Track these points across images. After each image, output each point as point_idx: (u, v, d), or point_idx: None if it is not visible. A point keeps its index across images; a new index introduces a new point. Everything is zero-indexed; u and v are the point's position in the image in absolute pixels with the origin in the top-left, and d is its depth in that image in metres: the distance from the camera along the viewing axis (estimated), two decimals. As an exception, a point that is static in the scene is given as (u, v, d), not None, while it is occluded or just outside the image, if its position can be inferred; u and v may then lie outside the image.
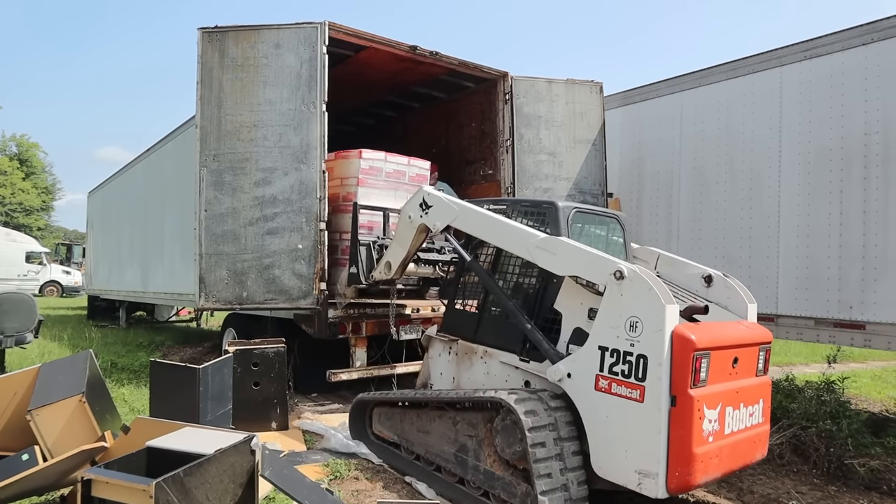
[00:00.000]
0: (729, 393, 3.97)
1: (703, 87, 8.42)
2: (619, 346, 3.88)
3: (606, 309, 3.99)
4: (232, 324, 9.08)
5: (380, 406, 5.56)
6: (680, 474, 3.62)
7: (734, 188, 7.96)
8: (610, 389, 3.90)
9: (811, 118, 7.28)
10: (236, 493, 3.24)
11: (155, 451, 3.29)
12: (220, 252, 6.65)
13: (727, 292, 4.86)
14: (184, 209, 9.14)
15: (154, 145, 11.67)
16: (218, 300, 6.70)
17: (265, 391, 6.08)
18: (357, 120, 12.03)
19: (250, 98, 6.75)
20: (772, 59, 7.67)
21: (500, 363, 4.95)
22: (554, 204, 4.95)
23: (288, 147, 6.76)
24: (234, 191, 6.70)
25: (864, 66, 6.85)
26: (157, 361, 5.08)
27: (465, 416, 4.60)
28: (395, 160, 7.32)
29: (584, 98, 8.79)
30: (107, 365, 9.52)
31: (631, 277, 3.85)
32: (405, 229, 5.65)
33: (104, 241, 15.76)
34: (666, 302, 3.72)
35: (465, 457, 4.54)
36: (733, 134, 8.05)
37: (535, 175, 8.54)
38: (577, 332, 4.41)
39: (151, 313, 16.87)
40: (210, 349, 11.21)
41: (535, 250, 4.42)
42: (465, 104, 9.82)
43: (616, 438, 3.86)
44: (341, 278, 6.86)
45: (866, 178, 6.80)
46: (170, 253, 10.50)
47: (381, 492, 4.78)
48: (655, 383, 3.67)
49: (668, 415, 3.64)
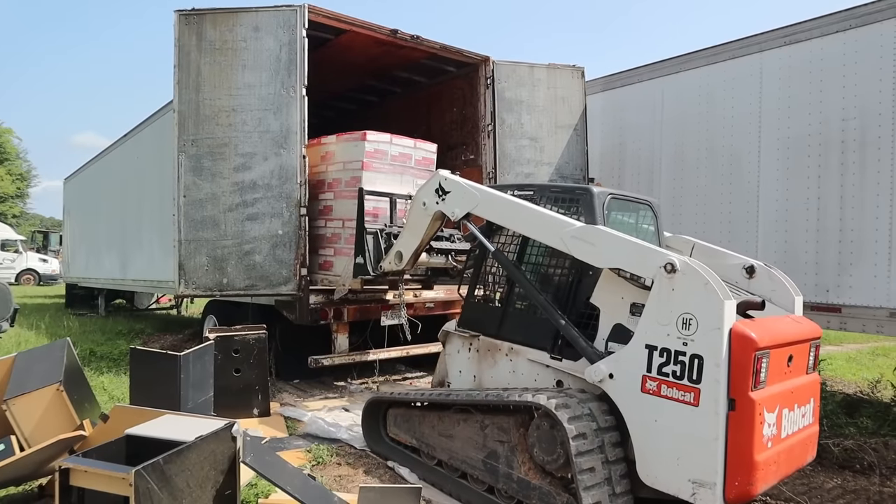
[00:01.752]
0: (785, 394, 3.70)
1: (683, 73, 8.45)
2: (670, 346, 3.56)
3: (655, 305, 3.66)
4: (212, 311, 9.01)
5: (395, 407, 5.16)
6: (740, 484, 3.34)
7: (714, 173, 8.01)
8: (659, 392, 3.59)
9: (790, 104, 7.33)
10: (217, 480, 3.22)
11: (134, 439, 3.26)
12: (200, 238, 6.58)
13: (771, 284, 4.60)
14: (162, 195, 9.03)
15: (131, 130, 11.49)
16: (198, 287, 6.64)
17: (246, 378, 6.05)
18: (337, 105, 11.94)
19: (229, 82, 6.66)
20: (752, 44, 7.71)
21: (528, 361, 4.61)
22: (588, 190, 4.65)
23: (267, 132, 6.68)
24: (213, 176, 6.62)
25: (843, 53, 6.90)
26: (136, 349, 5.02)
27: (496, 420, 4.22)
28: (400, 142, 6.93)
29: (565, 83, 8.78)
30: (85, 353, 9.42)
31: (684, 271, 3.54)
32: (419, 217, 5.29)
33: (82, 229, 15.54)
34: (724, 298, 3.42)
35: (495, 464, 4.16)
36: (713, 119, 8.09)
37: (517, 160, 8.54)
38: (618, 329, 4.10)
39: (131, 301, 16.70)
40: (191, 336, 11.13)
41: (571, 240, 4.07)
42: (446, 89, 9.77)
43: (666, 445, 3.55)
44: (346, 269, 6.57)
45: (843, 163, 6.87)
46: (149, 240, 10.38)
47: (363, 477, 4.79)
48: (712, 385, 3.38)
49: (726, 419, 3.35)
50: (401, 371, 8.60)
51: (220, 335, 6.02)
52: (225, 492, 3.26)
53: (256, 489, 4.25)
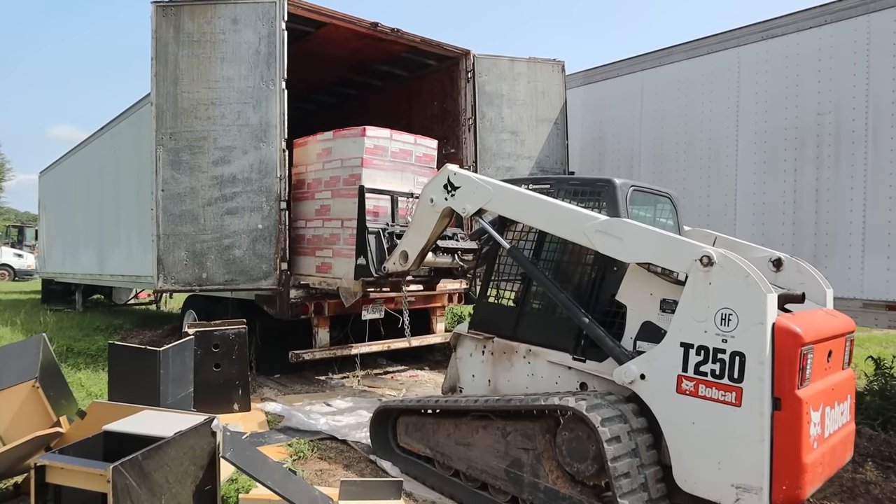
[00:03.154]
0: (826, 391, 3.52)
1: (663, 67, 8.51)
2: (708, 343, 3.38)
3: (691, 300, 3.48)
4: (192, 306, 8.94)
5: (406, 415, 4.90)
6: (788, 488, 3.16)
7: (693, 166, 8.08)
8: (697, 392, 3.40)
9: (767, 98, 7.42)
10: (197, 476, 3.21)
11: (112, 436, 3.23)
12: (179, 233, 6.52)
13: (800, 277, 4.44)
14: (140, 189, 8.94)
15: (108, 123, 11.35)
16: (177, 282, 6.58)
17: (226, 373, 6.02)
18: (318, 98, 11.88)
19: (207, 75, 6.59)
20: (730, 39, 7.78)
21: (548, 363, 4.40)
22: (611, 181, 4.44)
23: (247, 125, 6.63)
24: (191, 170, 6.56)
25: (818, 48, 6.99)
26: (115, 344, 4.98)
27: (519, 426, 4.00)
28: (400, 138, 6.64)
29: (546, 77, 8.80)
30: (62, 349, 9.31)
31: (722, 263, 3.37)
32: (426, 214, 5.04)
33: (58, 223, 15.32)
34: (766, 291, 3.26)
35: (519, 473, 3.94)
36: (692, 113, 8.16)
37: (498, 154, 8.55)
38: (648, 327, 3.89)
39: (109, 296, 16.52)
40: (170, 332, 11.04)
41: (595, 235, 3.87)
42: (427, 82, 9.75)
43: (706, 448, 3.36)
44: (347, 271, 6.30)
45: (819, 157, 6.97)
46: (126, 234, 10.27)
47: (344, 471, 4.79)
48: (756, 384, 3.20)
49: (771, 420, 3.19)
50: (382, 365, 8.61)
51: (199, 330, 5.98)
52: (205, 487, 3.25)
53: (237, 484, 4.23)
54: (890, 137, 6.49)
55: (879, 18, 6.56)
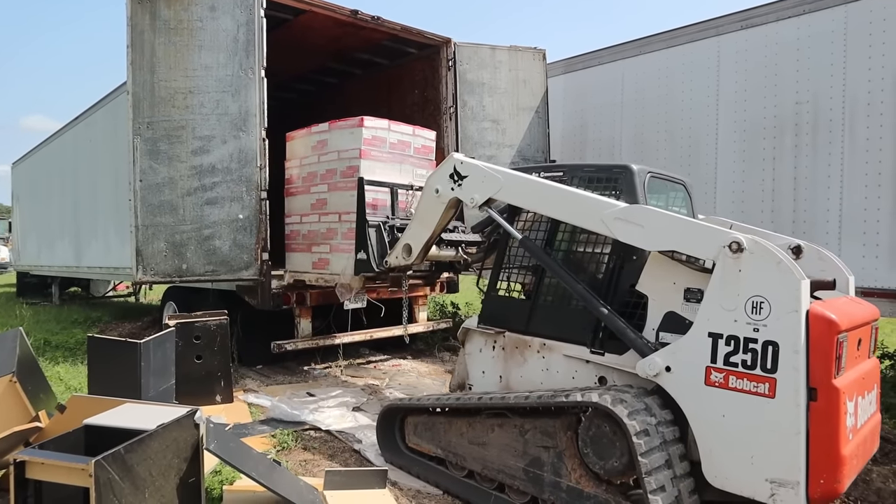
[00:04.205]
0: (858, 380, 3.39)
1: (643, 56, 8.53)
2: (738, 332, 3.26)
3: (719, 288, 3.36)
4: (172, 297, 8.86)
5: (415, 414, 4.69)
6: (826, 481, 3.05)
7: (673, 155, 8.14)
8: (727, 384, 3.28)
9: (746, 87, 7.48)
10: (181, 468, 3.19)
11: (93, 430, 3.19)
12: (158, 223, 6.44)
13: (821, 264, 4.30)
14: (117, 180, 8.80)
15: (83, 113, 11.13)
16: (157, 273, 6.50)
17: (208, 364, 5.98)
18: (297, 87, 11.76)
19: (185, 63, 6.49)
20: (710, 28, 7.82)
21: (564, 357, 4.24)
22: (628, 168, 4.33)
23: (226, 114, 6.54)
24: (170, 160, 6.46)
25: (797, 37, 7.05)
26: (94, 337, 4.92)
27: (538, 423, 3.84)
28: (398, 129, 6.43)
29: (527, 65, 8.79)
30: (39, 343, 9.19)
31: (752, 249, 3.25)
32: (430, 205, 4.85)
33: (32, 215, 15.04)
34: (800, 277, 3.14)
35: (539, 472, 3.79)
36: (673, 102, 8.21)
37: (479, 142, 8.54)
38: (671, 318, 3.75)
39: (87, 289, 16.29)
40: (150, 324, 10.93)
41: (614, 223, 3.72)
42: (407, 71, 9.69)
43: (738, 442, 3.24)
44: (346, 267, 6.08)
45: (797, 146, 7.05)
46: (104, 225, 10.11)
47: (328, 461, 4.79)
48: (790, 374, 3.09)
49: (807, 411, 3.08)
50: (364, 355, 8.60)
51: (180, 322, 5.93)
52: (189, 480, 3.23)
53: (221, 476, 4.21)
54: (866, 127, 6.59)
55: (857, 8, 6.63)
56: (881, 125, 6.49)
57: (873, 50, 6.55)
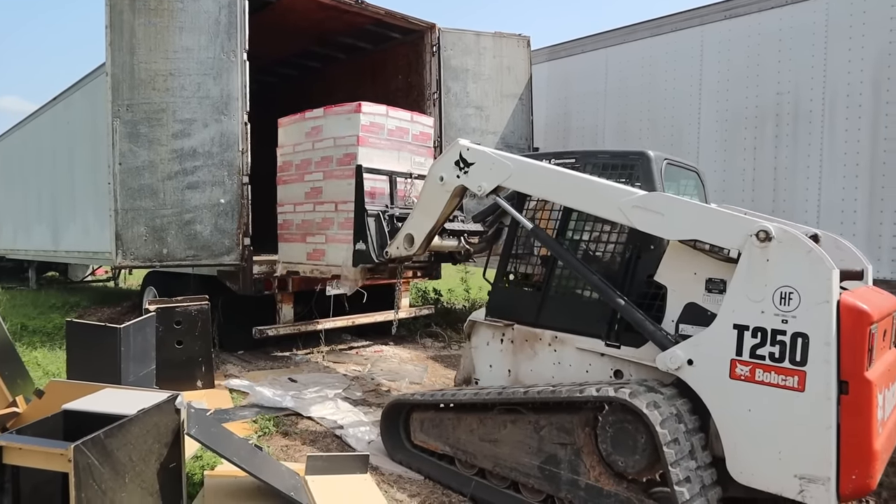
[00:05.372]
0: (885, 372, 3.29)
1: (627, 44, 8.55)
2: (766, 324, 3.16)
3: (745, 279, 3.24)
4: (152, 282, 8.78)
5: (421, 410, 4.50)
6: (857, 476, 2.96)
7: (656, 144, 8.17)
8: (753, 377, 3.18)
9: (729, 77, 7.53)
10: (161, 453, 3.18)
11: (72, 415, 3.17)
12: (138, 207, 6.36)
13: (840, 254, 4.17)
14: (96, 163, 8.68)
15: (60, 94, 10.95)
16: (136, 258, 6.43)
17: (189, 350, 5.95)
18: (280, 70, 11.65)
19: (165, 45, 6.39)
20: (694, 17, 7.85)
21: (577, 350, 4.11)
22: (645, 154, 4.17)
23: (207, 97, 6.46)
24: (150, 143, 6.38)
25: (779, 28, 7.11)
26: (73, 322, 4.87)
27: (555, 419, 3.71)
28: (397, 115, 6.15)
29: (511, 52, 8.76)
30: (16, 328, 9.07)
31: (781, 238, 3.13)
32: (434, 193, 4.68)
33: (7, 198, 14.79)
34: (831, 266, 3.03)
35: (555, 470, 3.66)
36: (656, 90, 8.24)
37: (463, 129, 8.51)
38: (692, 309, 3.61)
39: (64, 273, 16.10)
40: (129, 309, 10.84)
41: (633, 211, 3.58)
42: (391, 56, 9.62)
43: (765, 437, 3.14)
44: (344, 258, 5.84)
45: (777, 136, 7.12)
46: (82, 209, 9.98)
47: (310, 447, 4.79)
48: (821, 367, 2.98)
49: (837, 404, 2.98)
50: (347, 341, 8.59)
51: (161, 307, 5.89)
52: (169, 465, 3.22)
53: (202, 461, 4.21)
54: (845, 119, 6.67)
55: (838, 1, 6.69)
56: (860, 117, 6.58)
57: (853, 42, 6.62)
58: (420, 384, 6.63)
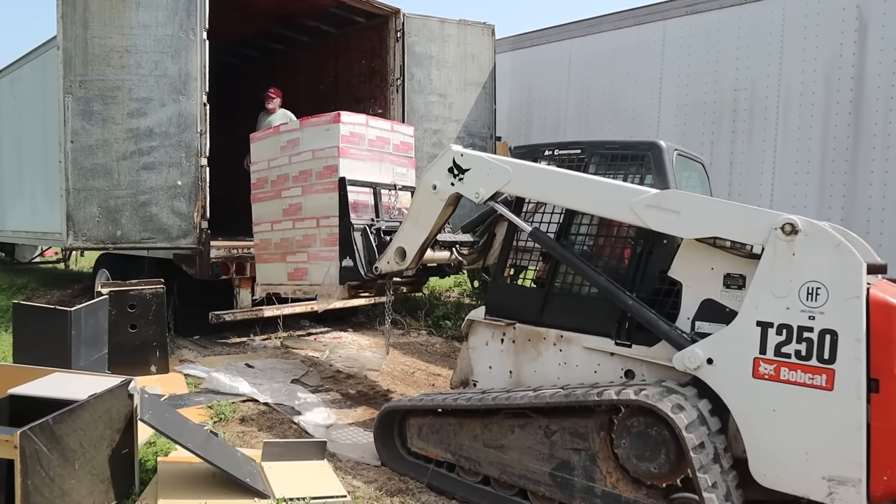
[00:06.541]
0: None
1: (591, 36, 8.63)
2: (791, 321, 3.02)
3: (769, 274, 3.10)
4: (105, 265, 8.57)
5: (418, 415, 4.21)
6: (889, 478, 2.84)
7: (617, 135, 8.28)
8: (778, 376, 3.05)
9: (689, 72, 7.67)
10: (114, 440, 3.12)
11: (19, 399, 3.10)
12: (91, 187, 6.19)
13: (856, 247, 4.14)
14: (46, 140, 8.39)
15: (7, 67, 10.54)
16: (89, 239, 6.27)
17: (143, 334, 5.83)
18: (242, 52, 11.43)
19: (121, 20, 6.20)
20: (656, 12, 7.96)
21: (585, 350, 3.90)
22: (656, 145, 3.94)
23: (165, 76, 6.30)
24: (104, 121, 6.20)
25: (738, 26, 7.26)
26: (20, 304, 4.74)
27: (567, 424, 3.51)
28: (377, 125, 5.85)
29: (475, 40, 8.76)
30: (-40, 309, 8.76)
31: (807, 231, 3.00)
32: (427, 203, 4.46)
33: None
34: (861, 260, 2.92)
35: (569, 477, 3.47)
36: (618, 83, 8.35)
37: (426, 116, 8.50)
38: (709, 306, 3.44)
39: (11, 254, 15.54)
40: (81, 291, 10.55)
41: (646, 211, 3.42)
42: (355, 40, 9.53)
43: (791, 438, 3.01)
44: (329, 276, 5.48)
45: (734, 131, 7.30)
46: (30, 187, 9.65)
47: (266, 433, 4.76)
48: (851, 365, 2.86)
49: (868, 404, 2.87)
50: (305, 327, 8.53)
51: (114, 290, 5.76)
52: (122, 451, 3.17)
53: (155, 447, 4.14)
54: (798, 116, 6.87)
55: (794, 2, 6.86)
56: (812, 115, 6.78)
57: (808, 42, 6.81)
58: (378, 371, 6.63)
